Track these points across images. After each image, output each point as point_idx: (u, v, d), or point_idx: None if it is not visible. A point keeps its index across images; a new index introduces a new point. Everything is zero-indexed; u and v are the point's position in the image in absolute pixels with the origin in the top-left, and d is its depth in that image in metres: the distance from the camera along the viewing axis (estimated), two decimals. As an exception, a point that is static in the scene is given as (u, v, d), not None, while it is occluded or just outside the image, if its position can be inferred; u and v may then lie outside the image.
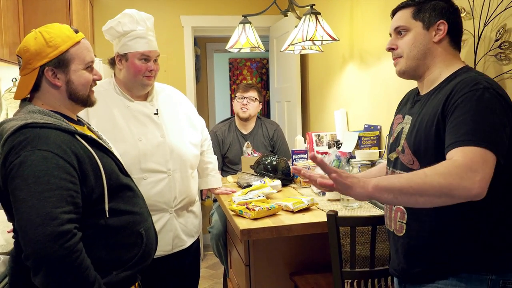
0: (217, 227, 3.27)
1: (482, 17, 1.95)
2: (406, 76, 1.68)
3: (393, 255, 1.68)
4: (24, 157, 1.44)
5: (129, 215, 1.65)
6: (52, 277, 1.40)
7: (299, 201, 2.38)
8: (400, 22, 1.65)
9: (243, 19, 3.31)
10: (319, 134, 3.36)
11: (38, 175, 1.42)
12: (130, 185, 1.72)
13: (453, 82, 1.51)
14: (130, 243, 1.65)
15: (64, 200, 1.43)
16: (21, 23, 2.99)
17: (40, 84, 1.62)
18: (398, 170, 1.62)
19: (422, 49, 1.60)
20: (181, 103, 2.59)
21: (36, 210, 1.39)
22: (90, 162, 1.55)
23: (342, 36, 3.34)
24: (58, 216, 1.40)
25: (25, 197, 1.41)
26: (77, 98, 1.66)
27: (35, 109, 1.59)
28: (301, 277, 2.33)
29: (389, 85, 2.81)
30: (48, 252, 1.37)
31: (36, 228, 1.38)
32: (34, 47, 1.59)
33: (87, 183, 1.53)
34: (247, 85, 3.78)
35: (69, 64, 1.62)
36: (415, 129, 1.56)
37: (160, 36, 4.66)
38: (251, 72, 7.30)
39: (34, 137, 1.47)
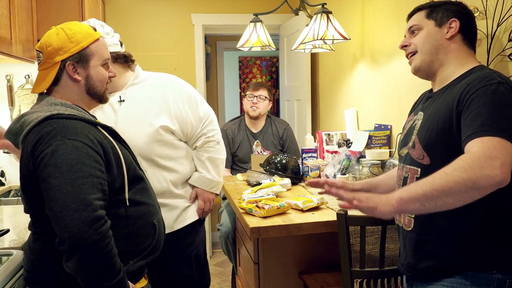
0: (226, 224, 3.28)
1: (496, 17, 1.94)
2: (421, 73, 1.70)
3: (401, 249, 1.68)
4: (55, 146, 1.49)
5: (144, 205, 1.71)
6: (84, 262, 1.46)
7: (309, 200, 2.38)
8: (414, 22, 1.69)
9: (254, 18, 3.31)
10: (329, 133, 3.36)
11: (71, 163, 1.48)
12: (143, 177, 1.78)
13: (467, 79, 1.52)
14: (145, 233, 1.70)
15: (95, 187, 1.50)
16: (34, 21, 3.02)
17: (60, 78, 1.67)
18: (408, 165, 1.63)
19: (435, 44, 1.63)
20: (164, 91, 2.42)
21: (71, 196, 1.45)
22: (112, 152, 1.61)
23: (353, 35, 3.34)
24: (92, 202, 1.47)
25: (59, 184, 1.46)
26: (94, 93, 1.73)
27: (56, 101, 1.65)
28: (310, 275, 2.34)
29: (400, 85, 2.80)
30: (84, 237, 1.43)
31: (73, 214, 1.43)
32: (56, 42, 1.64)
33: (110, 172, 1.59)
34: (257, 84, 3.78)
35: (89, 60, 1.68)
36: (427, 124, 1.57)
37: (171, 34, 4.71)
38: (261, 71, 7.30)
39: (62, 127, 1.53)
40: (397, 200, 1.32)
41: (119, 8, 4.51)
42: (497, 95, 1.40)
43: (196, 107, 2.49)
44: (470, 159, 1.30)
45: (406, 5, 2.68)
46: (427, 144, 1.54)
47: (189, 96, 2.48)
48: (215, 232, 4.78)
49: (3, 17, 2.47)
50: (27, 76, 3.19)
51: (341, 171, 2.66)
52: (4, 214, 2.52)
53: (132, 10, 4.57)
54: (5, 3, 2.51)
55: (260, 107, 3.67)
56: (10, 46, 2.56)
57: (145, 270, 1.76)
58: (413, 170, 1.60)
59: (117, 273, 1.51)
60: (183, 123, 2.43)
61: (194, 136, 2.49)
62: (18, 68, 3.22)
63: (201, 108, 2.52)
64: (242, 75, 7.34)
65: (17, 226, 2.24)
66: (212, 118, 2.56)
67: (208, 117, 2.54)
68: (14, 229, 2.18)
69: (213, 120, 2.57)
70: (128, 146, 1.80)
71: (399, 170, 1.72)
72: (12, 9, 2.59)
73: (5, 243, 1.97)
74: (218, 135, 2.60)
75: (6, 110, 3.23)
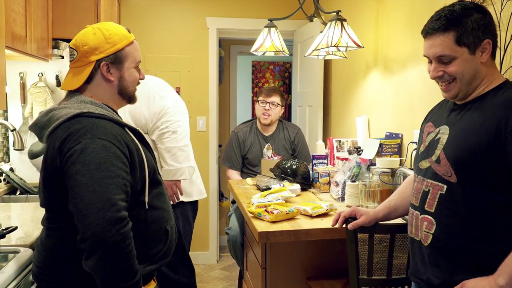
0: (235, 228, 3.28)
1: (509, 30, 1.93)
2: (457, 99, 1.62)
3: (418, 264, 1.66)
4: (85, 144, 1.51)
5: (160, 210, 1.72)
6: (104, 261, 1.46)
7: (318, 206, 2.38)
8: (444, 51, 1.55)
9: (269, 23, 3.32)
10: (340, 140, 3.35)
11: (99, 162, 1.49)
12: (161, 182, 1.78)
13: (499, 99, 1.49)
14: (158, 238, 1.70)
15: (120, 188, 1.51)
16: (49, 20, 3.05)
17: (93, 77, 1.70)
18: (431, 180, 1.60)
19: (472, 74, 1.55)
20: None
21: (97, 195, 1.46)
22: (137, 155, 1.63)
23: (367, 43, 3.33)
24: (117, 203, 1.48)
25: (87, 182, 1.47)
26: (126, 94, 1.76)
27: (87, 100, 1.67)
28: (316, 282, 2.33)
29: (412, 94, 2.79)
30: (107, 236, 1.44)
31: (98, 212, 1.44)
32: (93, 42, 1.66)
33: (134, 175, 1.60)
34: (270, 89, 3.77)
35: (123, 62, 1.71)
36: (456, 140, 1.54)
37: (185, 36, 4.73)
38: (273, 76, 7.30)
39: (92, 126, 1.55)
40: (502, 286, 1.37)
41: (134, 9, 4.54)
42: None
43: (152, 102, 2.68)
44: None
45: (420, 15, 2.68)
46: (457, 162, 1.52)
47: (148, 92, 2.68)
48: (223, 235, 4.78)
49: (19, 14, 2.49)
50: (41, 74, 3.21)
51: (351, 178, 2.65)
52: (12, 212, 2.54)
53: (148, 12, 4.60)
54: (21, 1, 2.53)
55: (271, 114, 3.66)
56: (24, 44, 2.59)
57: (154, 274, 1.76)
58: (437, 186, 1.58)
59: (134, 275, 1.52)
60: (136, 117, 2.65)
61: (149, 130, 2.68)
62: (32, 66, 3.25)
63: (158, 103, 2.71)
64: (255, 79, 7.34)
65: (24, 223, 2.26)
66: (168, 110, 2.72)
67: (162, 110, 2.70)
68: (22, 226, 2.19)
69: (169, 112, 2.71)
70: (152, 150, 1.81)
71: (417, 183, 1.69)
72: (28, 7, 2.61)
73: (12, 240, 1.98)
74: (173, 125, 2.73)
75: (18, 107, 3.26)
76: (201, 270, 4.73)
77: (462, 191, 1.51)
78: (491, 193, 1.46)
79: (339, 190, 2.71)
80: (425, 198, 1.62)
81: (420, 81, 2.69)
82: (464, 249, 1.51)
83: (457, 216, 1.52)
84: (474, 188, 1.49)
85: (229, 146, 3.73)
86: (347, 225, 1.90)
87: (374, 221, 1.89)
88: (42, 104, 3.17)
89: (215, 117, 4.85)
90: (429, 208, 1.60)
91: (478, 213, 1.48)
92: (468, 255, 1.50)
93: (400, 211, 1.90)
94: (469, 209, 1.49)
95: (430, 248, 1.59)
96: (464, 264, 1.50)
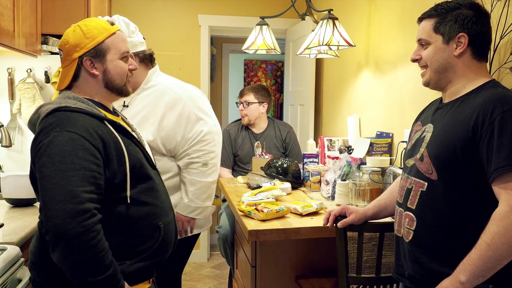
0: (225, 227, 3.27)
1: (499, 29, 1.94)
2: (430, 87, 1.68)
3: (401, 260, 1.68)
4: (52, 137, 1.52)
5: (149, 206, 1.69)
6: (67, 254, 1.46)
7: (308, 205, 2.37)
8: (422, 35, 1.64)
9: (261, 21, 3.31)
10: (331, 139, 3.35)
11: (63, 154, 1.50)
12: (154, 178, 1.76)
13: (481, 98, 1.50)
14: (147, 235, 1.68)
15: (86, 180, 1.50)
16: (38, 15, 3.02)
17: (79, 74, 1.72)
18: (414, 177, 1.62)
19: (443, 63, 1.59)
20: (162, 103, 2.42)
21: (59, 187, 1.46)
22: (115, 147, 1.61)
23: (359, 42, 3.33)
24: (79, 195, 1.47)
25: (50, 174, 1.48)
26: (113, 87, 1.75)
27: (70, 95, 1.69)
28: (306, 280, 2.32)
29: (403, 93, 2.80)
30: (66, 228, 1.43)
31: (57, 204, 1.45)
32: (73, 39, 1.69)
33: (110, 167, 1.58)
34: (243, 89, 3.79)
35: (105, 54, 1.71)
36: (438, 138, 1.56)
37: (177, 34, 4.71)
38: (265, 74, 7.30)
39: (64, 119, 1.55)
40: (462, 283, 1.41)
41: (125, 6, 4.51)
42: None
43: (188, 125, 2.41)
44: (500, 221, 1.37)
45: (412, 15, 2.68)
46: (437, 159, 1.53)
47: (182, 113, 2.41)
48: (213, 234, 4.77)
49: (7, 9, 2.47)
50: (29, 70, 3.17)
51: (341, 177, 2.65)
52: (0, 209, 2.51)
53: (139, 8, 4.57)
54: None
55: (248, 114, 3.66)
56: (12, 39, 2.56)
57: (148, 274, 1.72)
58: (419, 183, 1.60)
59: (104, 270, 1.49)
60: (166, 138, 2.38)
61: (177, 154, 2.44)
62: (20, 62, 3.20)
63: (196, 127, 2.43)
64: (247, 78, 7.34)
65: (12, 221, 2.24)
66: (203, 138, 2.44)
67: (197, 137, 2.43)
68: (9, 224, 2.17)
69: (204, 140, 2.45)
70: (142, 144, 1.79)
71: (403, 180, 1.71)
72: (16, 2, 2.59)
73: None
74: (206, 156, 2.46)
75: (6, 103, 3.22)
76: (192, 269, 4.71)
77: (442, 188, 1.52)
78: (470, 190, 1.48)
79: (329, 189, 2.71)
80: (408, 195, 1.64)
81: (411, 81, 2.70)
82: (443, 245, 1.53)
83: (437, 212, 1.54)
84: (453, 186, 1.50)
85: (221, 144, 3.72)
86: (337, 223, 1.90)
87: (363, 219, 1.90)
88: (31, 101, 3.14)
89: (207, 115, 4.82)
90: (411, 205, 1.62)
91: (457, 210, 1.50)
92: (447, 251, 1.51)
93: (389, 210, 1.91)
94: (449, 206, 1.51)
95: (411, 244, 1.60)
96: (444, 260, 1.51)
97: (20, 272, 1.87)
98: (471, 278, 1.40)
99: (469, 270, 1.40)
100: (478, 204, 1.47)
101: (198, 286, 4.32)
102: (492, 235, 1.36)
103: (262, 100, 3.70)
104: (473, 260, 1.39)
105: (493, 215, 1.39)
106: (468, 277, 1.40)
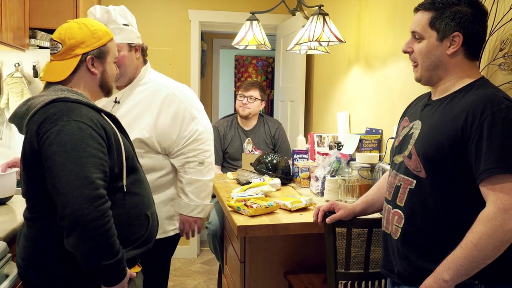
0: (214, 223, 3.27)
1: (489, 26, 1.94)
2: (422, 83, 1.67)
3: (389, 256, 1.68)
4: (61, 126, 1.55)
5: (139, 196, 1.77)
6: (84, 238, 1.50)
7: (297, 201, 2.38)
8: (416, 27, 1.60)
9: (251, 16, 3.30)
10: (321, 135, 3.35)
11: (75, 142, 1.54)
12: (140, 169, 1.84)
13: (469, 97, 1.49)
14: (139, 223, 1.75)
15: (97, 167, 1.55)
16: (26, 8, 2.99)
17: (77, 69, 1.75)
18: (403, 175, 1.62)
19: (434, 61, 1.58)
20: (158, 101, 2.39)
21: (75, 173, 1.50)
22: (114, 138, 1.67)
23: (349, 38, 3.33)
24: (94, 181, 1.52)
25: (64, 161, 1.51)
26: (106, 87, 1.84)
27: (64, 88, 1.72)
28: (295, 276, 2.33)
29: (393, 90, 2.80)
30: (85, 213, 1.48)
31: (75, 190, 1.49)
32: (80, 36, 1.74)
33: (111, 156, 1.64)
34: (249, 84, 3.76)
35: (106, 56, 1.80)
36: (426, 136, 1.56)
37: (167, 29, 4.69)
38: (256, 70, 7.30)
39: (68, 109, 1.59)
40: (446, 282, 1.42)
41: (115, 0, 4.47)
42: (507, 124, 1.40)
43: (183, 123, 2.40)
44: (488, 222, 1.37)
45: (402, 12, 2.69)
46: (426, 157, 1.53)
47: (178, 111, 2.39)
48: (203, 230, 4.76)
49: (-6, 2, 2.45)
50: (17, 64, 3.14)
51: (331, 173, 2.66)
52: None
53: (129, 3, 4.52)
54: (-4, -11, 2.49)
55: (250, 107, 3.66)
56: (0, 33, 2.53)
57: (138, 260, 1.79)
58: (407, 180, 1.60)
59: (116, 253, 1.55)
60: (161, 136, 2.36)
61: (172, 153, 2.42)
62: (8, 56, 3.16)
63: (191, 126, 2.42)
64: (238, 74, 7.33)
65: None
66: (198, 137, 2.43)
67: (192, 136, 2.42)
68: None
69: (200, 139, 2.43)
70: (129, 137, 1.86)
71: (391, 177, 1.70)
72: (3, -5, 2.57)
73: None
74: (202, 155, 2.45)
75: (-6, 98, 3.20)
76: (181, 265, 4.71)
77: (430, 186, 1.53)
78: (458, 189, 1.48)
79: (318, 185, 2.71)
80: (397, 192, 1.64)
81: (401, 78, 2.70)
82: (431, 243, 1.53)
83: (425, 210, 1.54)
84: (441, 184, 1.50)
85: (210, 140, 3.71)
86: (325, 219, 1.91)
87: (352, 215, 1.90)
88: (19, 95, 3.11)
89: (197, 111, 4.81)
90: (400, 202, 1.62)
91: (445, 208, 1.50)
92: (435, 248, 1.52)
93: (377, 206, 1.92)
94: (437, 204, 1.51)
95: (399, 242, 1.61)
96: (431, 258, 1.51)
97: (7, 268, 1.86)
98: (455, 276, 1.41)
99: (454, 269, 1.41)
100: (466, 203, 1.48)
101: (188, 281, 4.31)
102: (479, 236, 1.37)
103: (264, 98, 3.74)
104: (458, 259, 1.40)
105: (480, 216, 1.39)
106: (452, 276, 1.41)
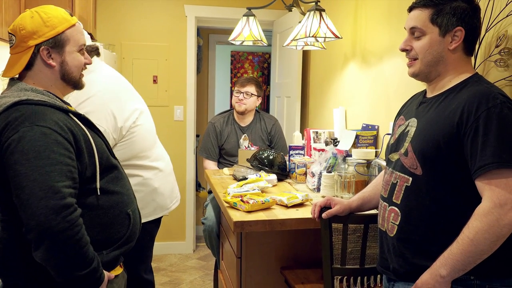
0: (211, 218, 3.28)
1: (485, 22, 1.95)
2: (418, 78, 1.67)
3: (385, 253, 1.69)
4: (22, 132, 1.46)
5: (117, 195, 1.69)
6: (53, 251, 1.43)
7: (294, 196, 2.38)
8: (416, 23, 1.59)
9: (247, 12, 3.30)
10: (317, 131, 3.36)
11: (38, 150, 1.45)
12: (118, 167, 1.75)
13: (465, 94, 1.50)
14: (119, 223, 1.68)
15: (64, 175, 1.46)
16: (22, 3, 2.97)
17: (33, 63, 1.64)
18: (399, 172, 1.62)
19: (436, 56, 1.58)
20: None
21: (38, 184, 1.42)
22: (84, 140, 1.58)
23: (345, 34, 3.34)
24: (60, 190, 1.44)
25: (26, 171, 1.43)
26: (70, 79, 1.70)
27: (27, 87, 1.61)
28: (291, 271, 2.34)
29: (389, 86, 2.81)
30: (52, 225, 1.41)
31: (40, 201, 1.40)
32: (30, 26, 1.60)
33: (81, 160, 1.55)
34: (246, 80, 3.75)
35: (64, 46, 1.65)
36: (422, 133, 1.56)
37: (163, 24, 4.68)
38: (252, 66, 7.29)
39: (31, 113, 1.49)
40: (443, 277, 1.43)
41: (112, -4, 4.47)
42: (503, 119, 1.41)
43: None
44: (484, 217, 1.38)
45: (398, 8, 2.69)
46: (422, 155, 1.53)
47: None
48: (200, 225, 4.77)
49: (-13, -2, 2.43)
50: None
51: (327, 169, 2.66)
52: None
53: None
54: (-10, -16, 2.46)
55: (246, 103, 3.65)
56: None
57: (120, 259, 1.73)
58: (403, 178, 1.60)
59: (90, 262, 1.49)
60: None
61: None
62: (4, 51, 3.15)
63: None
64: (234, 69, 7.32)
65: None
66: None
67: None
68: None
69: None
70: (102, 134, 1.77)
71: (387, 175, 1.71)
72: (-2, -10, 2.55)
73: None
74: None
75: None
76: (178, 260, 4.72)
77: (426, 184, 1.53)
78: (454, 186, 1.49)
79: (315, 181, 2.72)
80: (393, 190, 1.64)
81: (397, 74, 2.71)
82: (427, 239, 1.54)
83: (421, 208, 1.55)
84: (437, 181, 1.51)
85: (206, 136, 3.72)
86: (321, 214, 1.91)
87: (348, 210, 1.91)
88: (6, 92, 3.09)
89: (193, 107, 4.82)
90: (396, 199, 1.62)
91: (441, 206, 1.51)
92: (431, 245, 1.52)
93: (374, 203, 1.93)
94: (433, 201, 1.52)
95: (396, 239, 1.61)
96: (427, 255, 1.52)
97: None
98: (452, 272, 1.42)
99: (450, 264, 1.42)
100: (463, 199, 1.48)
101: (184, 277, 4.32)
102: (475, 231, 1.38)
103: (260, 94, 3.73)
104: (455, 255, 1.41)
105: (477, 211, 1.40)
106: (449, 271, 1.42)
